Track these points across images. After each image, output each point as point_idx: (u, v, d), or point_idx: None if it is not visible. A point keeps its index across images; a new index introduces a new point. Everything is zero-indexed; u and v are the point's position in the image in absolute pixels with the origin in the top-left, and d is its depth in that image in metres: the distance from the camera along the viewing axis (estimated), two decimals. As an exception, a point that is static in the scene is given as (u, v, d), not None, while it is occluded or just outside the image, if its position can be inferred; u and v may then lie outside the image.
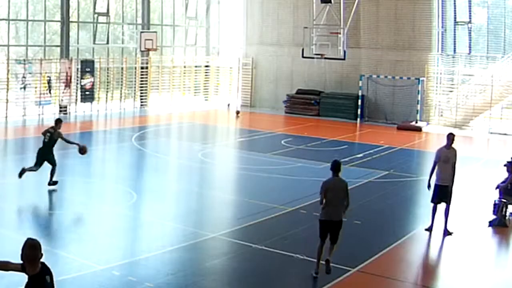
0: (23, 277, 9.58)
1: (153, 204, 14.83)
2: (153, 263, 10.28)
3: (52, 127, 15.07)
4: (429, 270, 11.05)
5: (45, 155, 14.88)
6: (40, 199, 14.76)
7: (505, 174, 14.03)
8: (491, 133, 27.53)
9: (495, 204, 13.57)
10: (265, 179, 17.71)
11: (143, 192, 16.04)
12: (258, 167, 19.38)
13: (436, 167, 12.65)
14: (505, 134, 27.57)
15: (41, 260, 5.69)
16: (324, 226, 10.01)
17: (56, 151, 16.71)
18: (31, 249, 5.64)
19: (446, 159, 12.57)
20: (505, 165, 13.98)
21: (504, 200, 13.53)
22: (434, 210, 12.78)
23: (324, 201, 9.86)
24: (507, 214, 13.56)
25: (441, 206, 12.72)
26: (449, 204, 12.66)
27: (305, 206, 14.49)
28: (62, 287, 9.38)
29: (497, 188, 13.89)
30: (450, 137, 12.75)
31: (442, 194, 12.60)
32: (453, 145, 12.76)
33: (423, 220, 14.32)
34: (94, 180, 16.97)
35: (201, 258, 11.16)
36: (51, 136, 14.92)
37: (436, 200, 12.73)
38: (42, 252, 5.68)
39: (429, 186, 12.76)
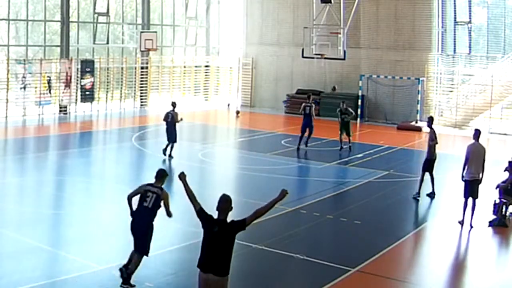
0: (22, 277, 9.60)
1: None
2: (153, 263, 10.26)
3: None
4: (429, 270, 11.04)
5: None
6: (40, 199, 14.77)
7: (505, 174, 14.02)
8: (491, 133, 27.49)
9: (495, 204, 13.57)
10: (265, 179, 17.69)
11: (143, 192, 15.98)
12: (258, 167, 19.37)
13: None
14: (505, 134, 27.54)
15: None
16: (426, 163, 15.10)
17: (55, 150, 16.73)
18: (223, 202, 7.39)
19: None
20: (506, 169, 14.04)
21: (504, 200, 13.53)
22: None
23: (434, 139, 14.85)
24: (507, 214, 13.56)
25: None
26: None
27: (305, 206, 14.49)
28: (62, 287, 9.41)
29: (497, 188, 13.89)
30: (477, 133, 13.20)
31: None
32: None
33: (423, 220, 14.35)
34: (94, 180, 16.96)
35: (201, 258, 11.13)
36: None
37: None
38: (232, 206, 7.37)
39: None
